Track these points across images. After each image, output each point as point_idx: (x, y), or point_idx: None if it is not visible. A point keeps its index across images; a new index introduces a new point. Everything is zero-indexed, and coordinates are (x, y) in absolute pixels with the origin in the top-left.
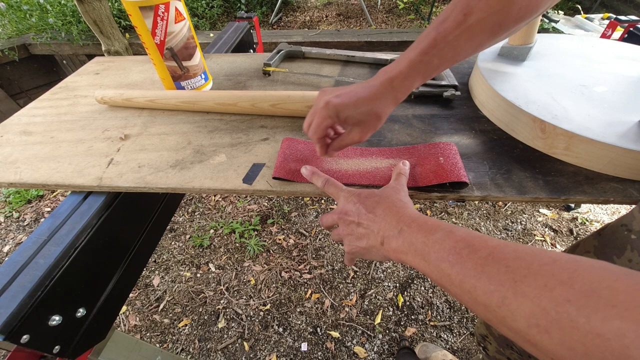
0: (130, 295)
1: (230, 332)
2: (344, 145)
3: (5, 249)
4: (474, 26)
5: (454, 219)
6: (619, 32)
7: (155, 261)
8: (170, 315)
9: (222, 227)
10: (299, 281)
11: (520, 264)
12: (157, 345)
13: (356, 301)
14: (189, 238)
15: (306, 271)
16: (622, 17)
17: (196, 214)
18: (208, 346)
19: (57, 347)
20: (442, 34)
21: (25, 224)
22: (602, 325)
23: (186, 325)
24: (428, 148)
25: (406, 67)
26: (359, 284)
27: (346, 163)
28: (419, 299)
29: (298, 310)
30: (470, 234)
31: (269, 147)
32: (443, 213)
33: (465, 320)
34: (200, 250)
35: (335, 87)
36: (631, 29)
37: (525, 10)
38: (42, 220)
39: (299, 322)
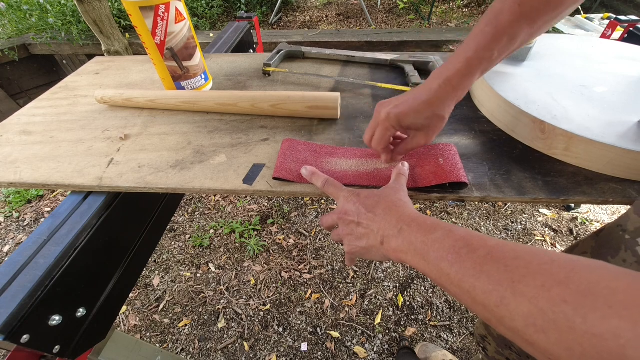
0: (130, 295)
1: (230, 332)
2: (410, 149)
3: (5, 249)
4: (531, 14)
5: (454, 219)
6: (619, 32)
7: (155, 261)
8: (170, 315)
9: (222, 227)
10: (299, 281)
11: (519, 264)
12: (157, 345)
13: (356, 301)
14: (189, 238)
15: (306, 271)
16: (622, 17)
17: (196, 214)
18: (208, 346)
19: (57, 347)
20: (500, 27)
21: (25, 224)
22: (599, 325)
23: (186, 325)
24: (428, 149)
25: (464, 65)
26: (359, 284)
27: (346, 164)
28: (419, 299)
29: (298, 310)
30: (470, 234)
31: (269, 148)
32: (443, 213)
33: (465, 320)
34: (200, 250)
35: (391, 98)
36: (631, 29)
37: None
38: (42, 220)
39: (299, 322)
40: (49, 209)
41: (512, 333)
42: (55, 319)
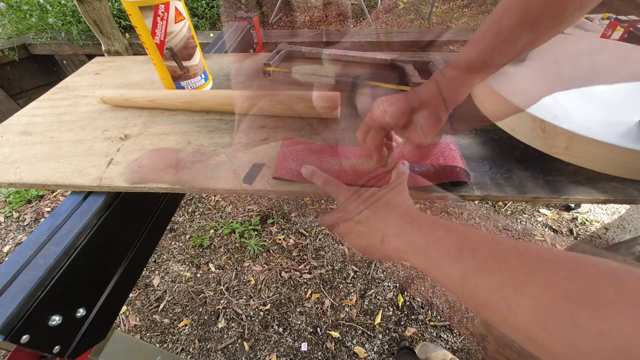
0: (130, 295)
1: (230, 332)
2: (404, 152)
3: (5, 249)
4: (532, 20)
5: (454, 219)
6: (619, 32)
7: (155, 261)
8: (170, 315)
9: (222, 227)
10: (299, 281)
11: (521, 262)
12: (157, 345)
13: (356, 301)
14: (189, 238)
15: (306, 271)
16: (622, 17)
17: (196, 214)
18: (208, 346)
19: (57, 347)
20: (501, 33)
21: (25, 224)
22: (604, 322)
23: (186, 325)
24: (428, 148)
25: (465, 69)
26: (359, 284)
27: (346, 163)
28: (419, 299)
29: (298, 310)
30: (471, 232)
31: (269, 147)
32: (443, 213)
33: (465, 320)
34: (200, 250)
35: (389, 96)
36: (631, 29)
37: (585, 2)
38: (42, 220)
39: (299, 322)
40: (49, 209)
41: (515, 331)
42: (55, 319)
